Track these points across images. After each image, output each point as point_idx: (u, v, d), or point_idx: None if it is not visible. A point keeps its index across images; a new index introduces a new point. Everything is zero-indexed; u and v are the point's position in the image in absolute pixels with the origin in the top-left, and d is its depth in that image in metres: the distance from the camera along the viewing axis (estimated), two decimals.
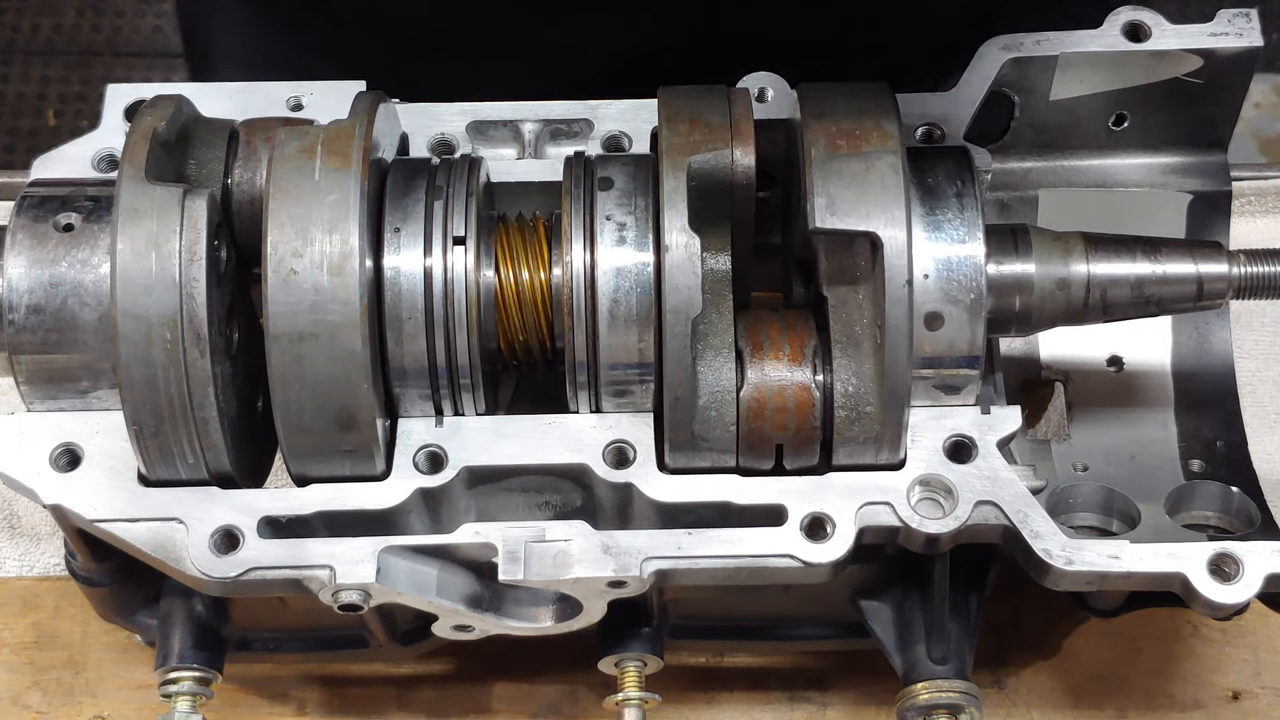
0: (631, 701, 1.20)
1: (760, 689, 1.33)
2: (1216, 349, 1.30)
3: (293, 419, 1.08)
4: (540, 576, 1.10)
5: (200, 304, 1.07)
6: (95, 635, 1.35)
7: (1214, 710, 1.31)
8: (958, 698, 1.17)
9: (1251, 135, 2.90)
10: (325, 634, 1.26)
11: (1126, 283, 1.14)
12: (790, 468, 1.13)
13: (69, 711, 1.33)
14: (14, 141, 3.14)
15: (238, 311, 1.12)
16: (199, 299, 1.07)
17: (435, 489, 1.12)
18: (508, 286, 1.12)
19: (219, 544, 1.10)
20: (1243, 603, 1.10)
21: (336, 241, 1.05)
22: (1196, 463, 1.25)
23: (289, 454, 1.11)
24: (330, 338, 1.06)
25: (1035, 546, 1.10)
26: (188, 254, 1.07)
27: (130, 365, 1.07)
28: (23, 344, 1.10)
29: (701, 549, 1.10)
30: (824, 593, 1.19)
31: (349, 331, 1.06)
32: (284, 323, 1.06)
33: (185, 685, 1.20)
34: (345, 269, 1.05)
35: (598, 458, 1.12)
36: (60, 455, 1.12)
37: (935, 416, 1.13)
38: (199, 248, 1.07)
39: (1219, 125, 1.27)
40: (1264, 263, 1.15)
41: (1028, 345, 1.31)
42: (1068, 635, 1.34)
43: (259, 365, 1.07)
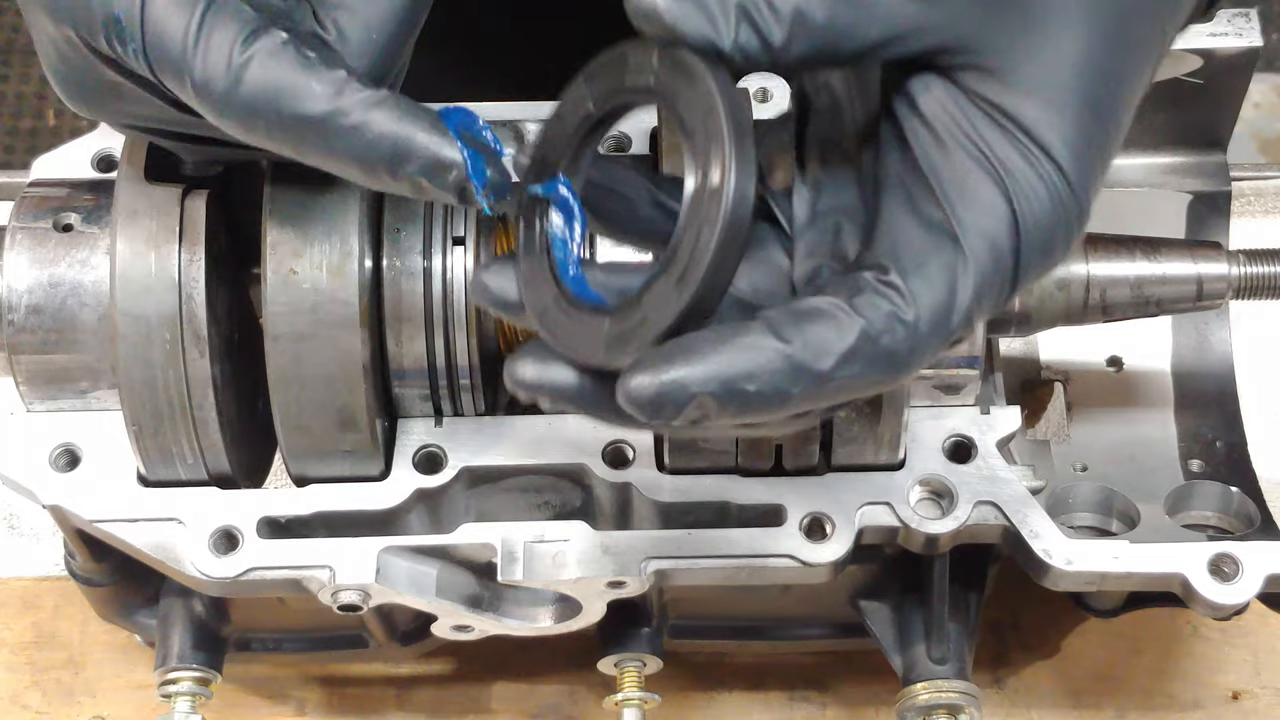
0: (631, 702, 1.20)
1: (760, 689, 1.33)
2: (1216, 349, 1.30)
3: (292, 419, 1.08)
4: (539, 577, 1.10)
5: (200, 304, 1.07)
6: (95, 635, 1.35)
7: (1214, 710, 1.31)
8: (957, 698, 1.17)
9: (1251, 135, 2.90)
10: (325, 634, 1.26)
11: (1126, 283, 1.14)
12: (790, 468, 1.13)
13: (68, 711, 1.33)
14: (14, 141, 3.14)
15: (238, 311, 1.12)
16: (199, 299, 1.07)
17: (435, 489, 1.12)
18: None
19: (218, 544, 1.10)
20: (1242, 603, 1.10)
21: (336, 241, 1.05)
22: (1196, 463, 1.25)
23: (288, 454, 1.11)
24: (330, 338, 1.06)
25: (1035, 546, 1.10)
26: (187, 254, 1.07)
27: (130, 365, 1.07)
28: (22, 344, 1.10)
29: (701, 549, 1.10)
30: (823, 593, 1.19)
31: (349, 332, 1.06)
32: (284, 323, 1.06)
33: (185, 685, 1.20)
34: (345, 269, 1.05)
35: (597, 458, 1.12)
36: (60, 455, 1.12)
37: (935, 416, 1.14)
38: (199, 248, 1.07)
39: (1219, 125, 1.27)
40: (1264, 263, 1.15)
41: (1028, 345, 1.31)
42: (1067, 635, 1.34)
43: (259, 365, 1.07)
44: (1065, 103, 0.87)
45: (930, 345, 0.85)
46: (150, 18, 0.90)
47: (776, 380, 0.83)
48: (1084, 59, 0.87)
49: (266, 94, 0.89)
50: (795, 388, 0.83)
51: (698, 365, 0.82)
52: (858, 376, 0.84)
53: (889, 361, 0.84)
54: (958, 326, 0.86)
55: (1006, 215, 0.86)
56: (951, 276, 0.85)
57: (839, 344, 0.83)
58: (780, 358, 0.83)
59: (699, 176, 0.83)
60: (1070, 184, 0.87)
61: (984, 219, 0.86)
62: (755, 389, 0.82)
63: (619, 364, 0.83)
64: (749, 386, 0.82)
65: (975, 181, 0.86)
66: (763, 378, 0.82)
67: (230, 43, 0.89)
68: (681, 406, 0.82)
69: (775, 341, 0.83)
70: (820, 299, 0.85)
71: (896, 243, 0.87)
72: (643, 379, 0.82)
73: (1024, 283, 0.88)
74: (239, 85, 0.89)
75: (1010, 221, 0.86)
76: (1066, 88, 0.87)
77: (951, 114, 0.87)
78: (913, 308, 0.84)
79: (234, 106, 0.89)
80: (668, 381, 0.82)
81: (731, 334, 0.83)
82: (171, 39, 0.89)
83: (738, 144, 0.82)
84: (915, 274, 0.85)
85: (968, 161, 0.87)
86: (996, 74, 0.87)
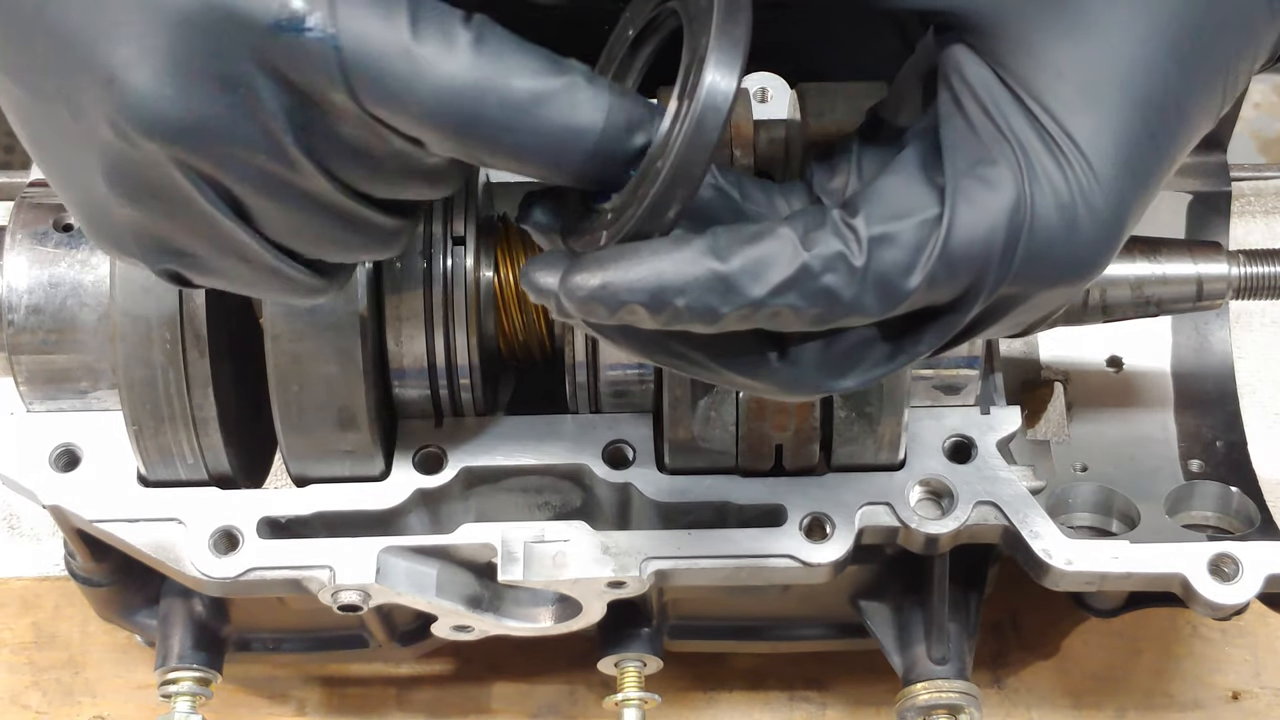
0: (631, 702, 1.20)
1: (760, 689, 1.33)
2: (1216, 349, 1.30)
3: (292, 419, 1.08)
4: (539, 577, 1.10)
5: (200, 304, 1.07)
6: (95, 635, 1.35)
7: (1214, 710, 1.31)
8: (957, 698, 1.18)
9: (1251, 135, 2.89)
10: (325, 634, 1.26)
11: (1126, 283, 1.14)
12: (790, 468, 1.13)
13: (68, 711, 1.33)
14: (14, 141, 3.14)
15: (238, 311, 1.12)
16: (199, 299, 1.07)
17: (435, 489, 1.12)
18: (507, 287, 1.12)
19: (218, 544, 1.10)
20: (1242, 603, 1.10)
21: None
22: (1196, 463, 1.25)
23: (288, 454, 1.11)
24: (330, 337, 1.06)
25: (1035, 547, 1.10)
26: None
27: (130, 365, 1.07)
28: (22, 344, 1.10)
29: (701, 549, 1.10)
30: (823, 593, 1.19)
31: (348, 332, 1.06)
32: (283, 323, 1.06)
33: (185, 685, 1.20)
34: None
35: (597, 458, 1.12)
36: (60, 455, 1.12)
37: (935, 417, 1.14)
38: None
39: (1219, 125, 1.26)
40: (1264, 263, 1.15)
41: (1028, 345, 1.31)
42: (1067, 635, 1.34)
43: (259, 365, 1.07)
44: (1106, 98, 0.84)
45: (873, 301, 0.83)
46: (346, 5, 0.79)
47: (706, 298, 0.82)
48: (1135, 58, 0.84)
49: (499, 71, 0.81)
50: (725, 307, 0.82)
51: (631, 272, 0.82)
52: (792, 308, 0.83)
53: (827, 300, 0.83)
54: (910, 293, 0.83)
55: (1010, 197, 0.83)
56: (922, 236, 0.83)
57: (777, 273, 0.82)
58: (713, 276, 0.82)
59: (684, 71, 0.83)
60: (1100, 185, 0.83)
61: (984, 193, 0.83)
62: (684, 304, 0.82)
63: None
64: (678, 300, 0.82)
65: (986, 155, 0.84)
66: (692, 294, 0.82)
67: (450, 26, 0.81)
68: (613, 310, 0.82)
69: (712, 260, 0.82)
70: (775, 224, 0.84)
71: (884, 193, 0.85)
72: (579, 278, 0.83)
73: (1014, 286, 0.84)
74: (466, 65, 0.80)
75: (1013, 205, 0.83)
76: (1109, 83, 0.84)
77: (978, 88, 0.85)
78: (863, 257, 0.82)
79: (463, 88, 0.80)
80: (599, 285, 0.82)
81: (672, 246, 0.82)
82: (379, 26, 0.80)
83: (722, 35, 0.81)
84: (883, 224, 0.83)
85: (984, 135, 0.84)
86: (1030, 52, 0.84)
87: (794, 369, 0.87)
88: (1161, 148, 0.86)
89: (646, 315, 0.83)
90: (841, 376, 0.88)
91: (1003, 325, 0.89)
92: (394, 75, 0.80)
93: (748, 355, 0.87)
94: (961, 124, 0.85)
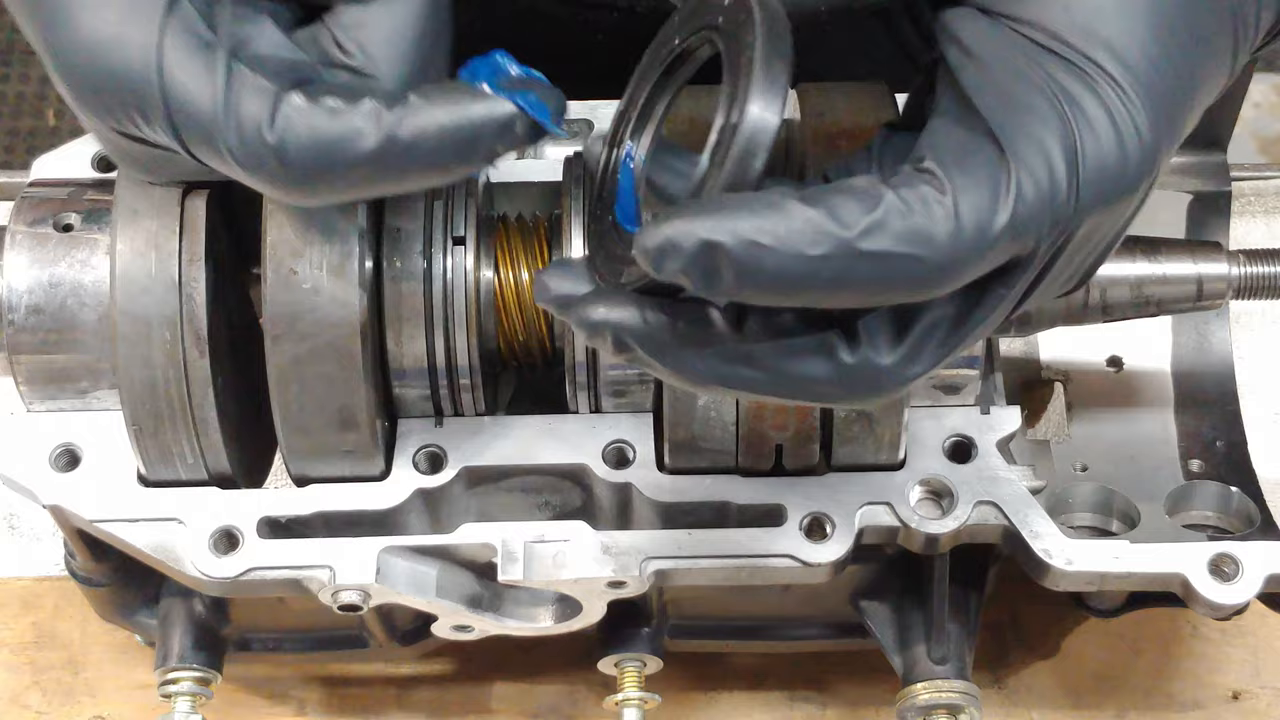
0: (631, 702, 1.20)
1: (760, 689, 1.33)
2: (1216, 349, 1.30)
3: (292, 419, 1.08)
4: (540, 577, 1.10)
5: (200, 304, 1.07)
6: (95, 635, 1.35)
7: (1214, 710, 1.31)
8: (957, 698, 1.18)
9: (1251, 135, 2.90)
10: (325, 634, 1.26)
11: (1126, 283, 1.14)
12: (790, 468, 1.13)
13: (69, 711, 1.33)
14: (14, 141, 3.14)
15: (238, 311, 1.12)
16: (199, 299, 1.07)
17: (435, 489, 1.12)
18: (507, 287, 1.12)
19: (218, 544, 1.10)
20: (1242, 603, 1.10)
21: (336, 241, 1.05)
22: (1196, 463, 1.25)
23: (288, 454, 1.11)
24: (330, 338, 1.06)
25: (1035, 547, 1.10)
26: (187, 254, 1.07)
27: (130, 366, 1.07)
28: (22, 344, 1.10)
29: (701, 549, 1.10)
30: (823, 593, 1.19)
31: (348, 331, 1.06)
32: (284, 323, 1.06)
33: (185, 685, 1.20)
34: (345, 269, 1.05)
35: (597, 458, 1.12)
36: (60, 455, 1.12)
37: (935, 416, 1.14)
38: (199, 248, 1.07)
39: (1219, 125, 1.27)
40: (1264, 263, 1.15)
41: (1028, 345, 1.31)
42: (1068, 635, 1.34)
43: (259, 365, 1.07)
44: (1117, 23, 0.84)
45: (969, 245, 0.80)
46: (173, 103, 0.90)
47: (793, 239, 0.78)
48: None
49: (316, 158, 0.88)
50: (814, 249, 0.78)
51: (714, 217, 0.78)
52: (886, 253, 0.78)
53: (923, 241, 0.79)
54: (1000, 235, 0.80)
55: (1059, 127, 0.82)
56: (993, 175, 0.81)
57: (864, 212, 0.78)
58: (802, 220, 0.78)
59: (727, 101, 0.82)
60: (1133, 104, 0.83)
61: (1034, 125, 0.82)
62: (772, 244, 0.77)
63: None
64: (764, 239, 0.78)
65: (1023, 94, 0.83)
66: (781, 235, 0.78)
67: (257, 125, 0.88)
68: (692, 255, 0.78)
69: (800, 205, 0.78)
70: (854, 179, 0.81)
71: (936, 144, 0.83)
72: (656, 228, 0.79)
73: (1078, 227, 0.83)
74: (286, 162, 0.88)
75: (1065, 135, 0.82)
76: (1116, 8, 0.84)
77: (994, 41, 0.84)
78: (949, 195, 0.80)
79: (293, 180, 0.89)
80: (679, 228, 0.78)
81: (754, 197, 0.79)
82: (203, 130, 0.89)
83: (765, 70, 0.80)
84: (954, 167, 0.81)
85: (1012, 78, 0.83)
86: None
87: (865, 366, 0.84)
88: (1183, 69, 0.86)
89: (729, 266, 0.78)
90: (915, 359, 0.85)
91: (1058, 273, 0.88)
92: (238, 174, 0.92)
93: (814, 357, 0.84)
94: (984, 75, 0.85)
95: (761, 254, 0.78)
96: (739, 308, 0.85)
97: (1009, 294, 0.86)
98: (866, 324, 0.85)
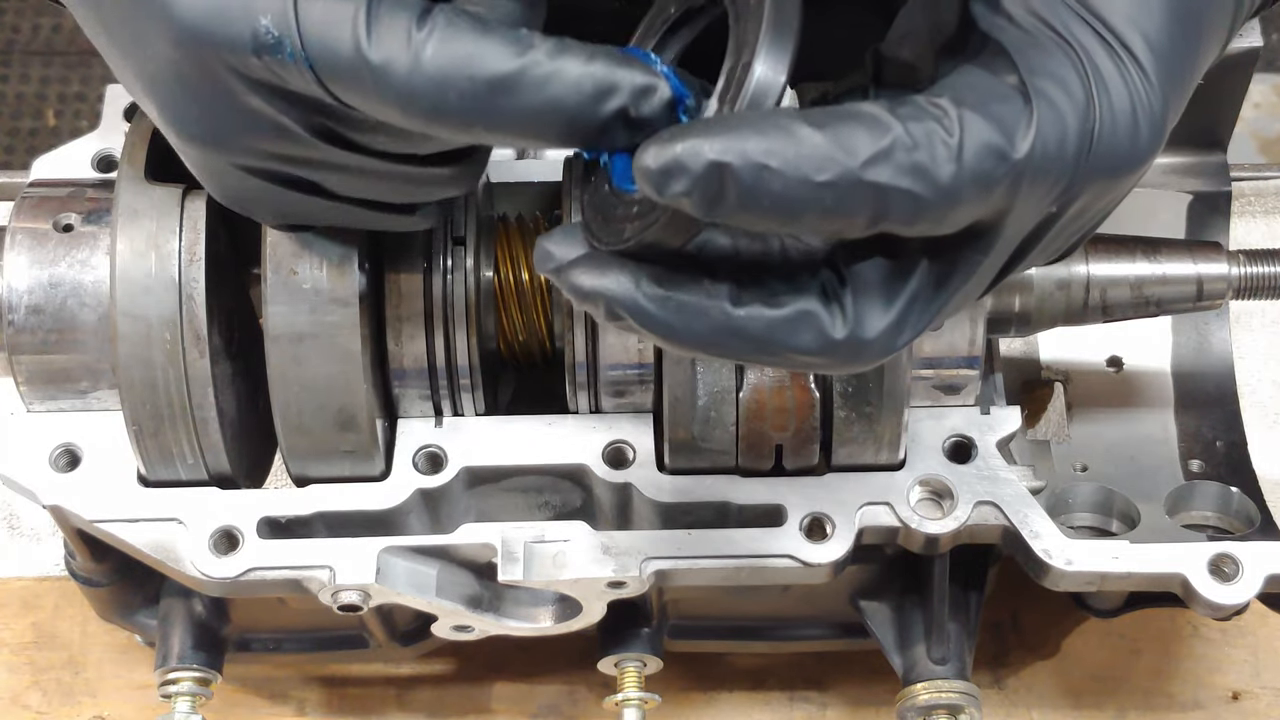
0: (631, 702, 1.20)
1: (760, 689, 1.33)
2: (1216, 349, 1.30)
3: (292, 419, 1.08)
4: (540, 577, 1.10)
5: (200, 304, 1.07)
6: (95, 635, 1.35)
7: (1214, 710, 1.31)
8: (957, 698, 1.18)
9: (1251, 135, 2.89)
10: (325, 634, 1.26)
11: (1126, 283, 1.14)
12: (790, 468, 1.13)
13: (69, 711, 1.33)
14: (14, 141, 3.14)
15: (238, 311, 1.12)
16: (199, 299, 1.07)
17: (435, 489, 1.12)
18: (507, 287, 1.12)
19: (218, 544, 1.10)
20: (1242, 603, 1.10)
21: (336, 242, 1.05)
22: (1196, 463, 1.25)
23: (288, 454, 1.11)
24: (329, 338, 1.06)
25: (1035, 547, 1.10)
26: (187, 254, 1.07)
27: (130, 366, 1.07)
28: (22, 344, 1.10)
29: (701, 549, 1.10)
30: (823, 593, 1.19)
31: (348, 332, 1.06)
32: (283, 323, 1.06)
33: (185, 685, 1.20)
34: (345, 269, 1.05)
35: (597, 458, 1.12)
36: (60, 455, 1.12)
37: (935, 417, 1.14)
38: (199, 248, 1.07)
39: (1219, 125, 1.27)
40: (1264, 263, 1.15)
41: (1028, 345, 1.31)
42: (1068, 635, 1.34)
43: (259, 365, 1.08)
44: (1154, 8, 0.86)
45: (970, 183, 0.81)
46: (308, 21, 0.85)
47: (801, 164, 0.78)
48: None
49: (455, 64, 0.83)
50: (819, 175, 0.78)
51: (720, 137, 0.78)
52: (886, 185, 0.79)
53: (923, 176, 0.79)
54: (1001, 180, 0.81)
55: (1082, 99, 0.83)
56: (1011, 123, 0.81)
57: (871, 143, 0.79)
58: (808, 143, 0.78)
59: (733, 59, 0.82)
60: (1151, 85, 0.85)
61: (1059, 93, 0.83)
62: (777, 166, 0.77)
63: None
64: (771, 162, 0.78)
65: (1057, 62, 0.84)
66: (786, 156, 0.78)
67: (405, 27, 0.84)
68: (697, 176, 0.78)
69: (806, 126, 0.78)
70: (862, 104, 0.81)
71: (959, 85, 0.83)
72: (660, 146, 0.78)
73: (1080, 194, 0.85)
74: (423, 64, 0.84)
75: (1085, 106, 0.83)
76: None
77: (1033, 7, 0.86)
78: (957, 134, 0.80)
79: (422, 86, 0.84)
80: (686, 147, 0.78)
81: (762, 116, 0.79)
82: (338, 38, 0.84)
83: (774, 30, 0.80)
84: (970, 108, 0.81)
85: (1051, 44, 0.84)
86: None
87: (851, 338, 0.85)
88: (1192, 50, 0.88)
89: (734, 187, 0.78)
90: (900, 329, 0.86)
91: (1045, 246, 0.89)
92: (359, 81, 0.85)
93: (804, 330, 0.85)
94: (1025, 37, 0.86)
95: (769, 177, 0.78)
96: (735, 277, 0.85)
97: (985, 261, 0.87)
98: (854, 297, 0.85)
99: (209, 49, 0.87)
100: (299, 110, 0.89)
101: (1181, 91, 0.88)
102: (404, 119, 0.86)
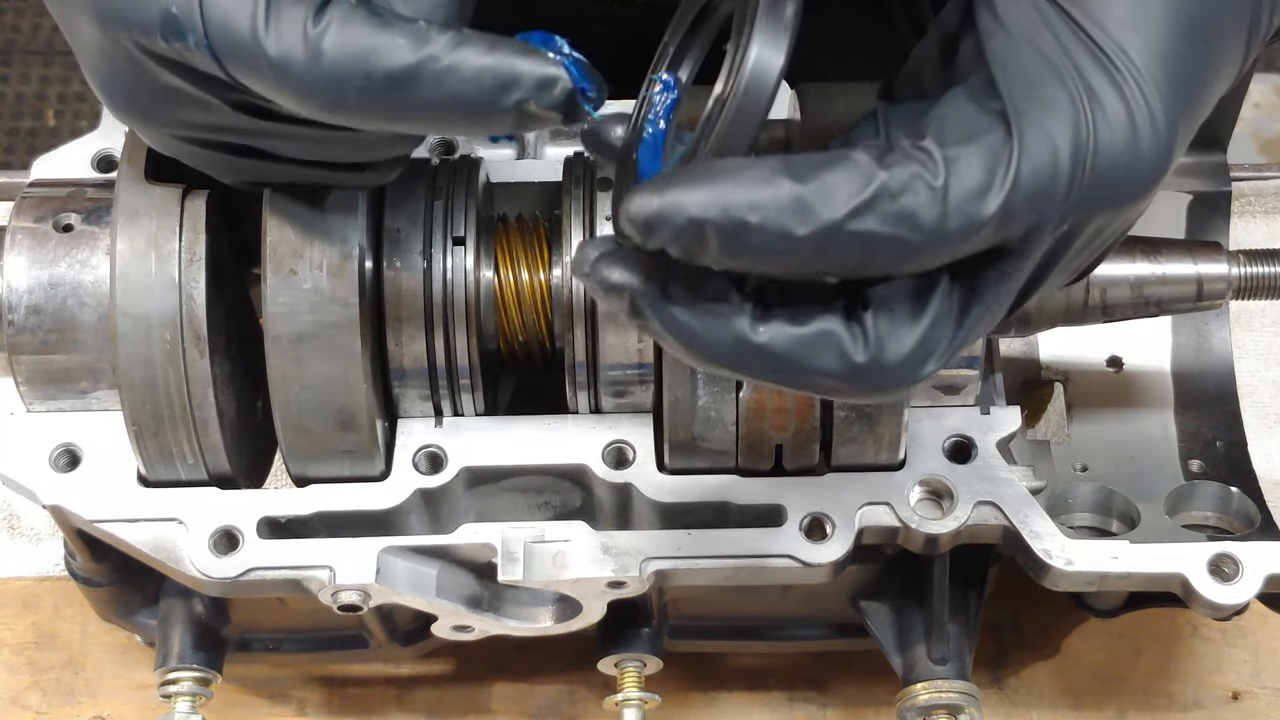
0: (631, 702, 1.20)
1: (760, 689, 1.33)
2: (1216, 349, 1.30)
3: (292, 419, 1.08)
4: (540, 577, 1.10)
5: (200, 304, 1.07)
6: (95, 635, 1.35)
7: (1214, 710, 1.31)
8: (957, 698, 1.18)
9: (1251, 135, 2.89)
10: (325, 634, 1.26)
11: (1126, 283, 1.14)
12: (790, 468, 1.13)
13: (69, 711, 1.33)
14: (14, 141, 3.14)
15: (238, 311, 1.12)
16: (199, 299, 1.07)
17: (435, 489, 1.12)
18: (507, 287, 1.12)
19: (218, 544, 1.10)
20: (1242, 603, 1.10)
21: (336, 241, 1.05)
22: (1196, 463, 1.25)
23: (288, 454, 1.11)
24: (330, 338, 1.06)
25: (1035, 547, 1.10)
26: (187, 254, 1.07)
27: (130, 366, 1.07)
28: (22, 344, 1.10)
29: (701, 549, 1.10)
30: (823, 593, 1.19)
31: (348, 332, 1.06)
32: (284, 323, 1.06)
33: (185, 685, 1.20)
34: (345, 269, 1.05)
35: (597, 458, 1.12)
36: (60, 455, 1.12)
37: (935, 417, 1.14)
38: (199, 248, 1.07)
39: (1219, 125, 1.27)
40: (1264, 263, 1.15)
41: (1028, 345, 1.31)
42: (1067, 635, 1.34)
43: (259, 365, 1.07)
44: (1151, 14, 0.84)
45: (956, 225, 0.80)
46: (211, 9, 0.86)
47: (781, 217, 0.79)
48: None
49: (351, 59, 0.84)
50: (801, 228, 0.79)
51: (701, 189, 0.79)
52: (871, 233, 0.79)
53: (908, 223, 0.79)
54: (990, 218, 0.81)
55: (1071, 120, 0.82)
56: (993, 158, 0.81)
57: (854, 193, 0.79)
58: (789, 195, 0.79)
59: (735, 43, 0.82)
60: (1154, 102, 0.83)
61: (1046, 116, 0.82)
62: (757, 221, 0.78)
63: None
64: (751, 218, 0.78)
65: (1044, 79, 0.83)
66: (767, 210, 0.78)
67: (301, 19, 0.85)
68: (678, 229, 0.79)
69: (787, 179, 0.79)
70: (847, 150, 0.81)
71: (945, 119, 0.83)
72: (643, 198, 0.79)
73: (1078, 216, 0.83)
74: (320, 58, 0.85)
75: (1075, 126, 0.82)
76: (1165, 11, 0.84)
77: (1029, 15, 0.84)
78: (942, 176, 0.80)
79: (319, 80, 0.85)
80: (667, 201, 0.79)
81: (745, 165, 0.80)
82: (238, 25, 0.85)
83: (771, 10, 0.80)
84: (954, 146, 0.81)
85: (1037, 58, 0.83)
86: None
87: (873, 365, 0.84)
88: (1201, 68, 0.86)
89: (715, 235, 0.79)
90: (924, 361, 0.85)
91: (1064, 266, 0.88)
92: (259, 72, 0.86)
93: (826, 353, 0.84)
94: (1011, 51, 0.85)
95: (749, 231, 0.79)
96: (759, 288, 0.85)
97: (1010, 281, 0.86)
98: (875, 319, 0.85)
99: (122, 31, 0.89)
100: (216, 87, 0.91)
101: (1190, 108, 0.86)
102: (305, 111, 0.87)
